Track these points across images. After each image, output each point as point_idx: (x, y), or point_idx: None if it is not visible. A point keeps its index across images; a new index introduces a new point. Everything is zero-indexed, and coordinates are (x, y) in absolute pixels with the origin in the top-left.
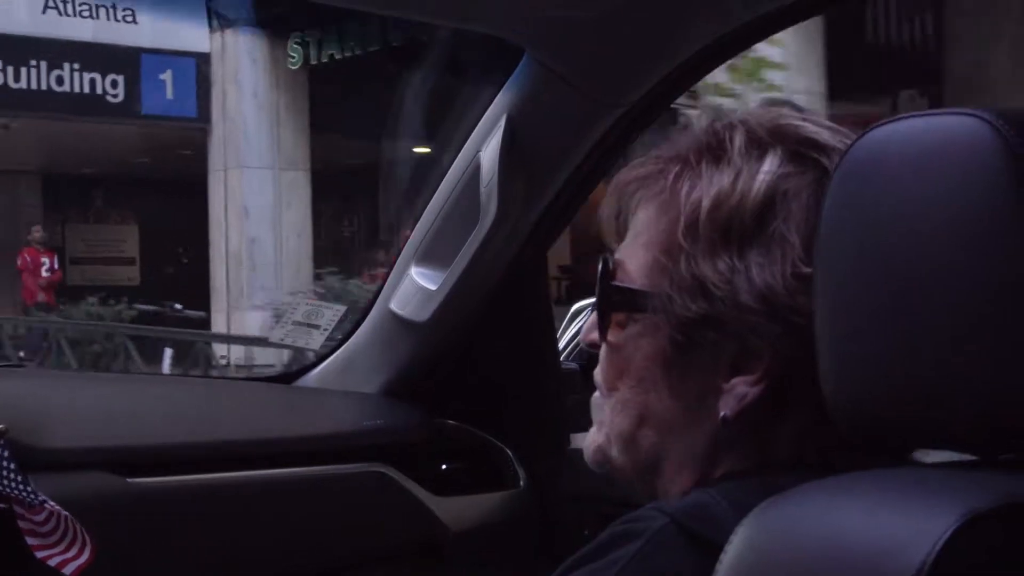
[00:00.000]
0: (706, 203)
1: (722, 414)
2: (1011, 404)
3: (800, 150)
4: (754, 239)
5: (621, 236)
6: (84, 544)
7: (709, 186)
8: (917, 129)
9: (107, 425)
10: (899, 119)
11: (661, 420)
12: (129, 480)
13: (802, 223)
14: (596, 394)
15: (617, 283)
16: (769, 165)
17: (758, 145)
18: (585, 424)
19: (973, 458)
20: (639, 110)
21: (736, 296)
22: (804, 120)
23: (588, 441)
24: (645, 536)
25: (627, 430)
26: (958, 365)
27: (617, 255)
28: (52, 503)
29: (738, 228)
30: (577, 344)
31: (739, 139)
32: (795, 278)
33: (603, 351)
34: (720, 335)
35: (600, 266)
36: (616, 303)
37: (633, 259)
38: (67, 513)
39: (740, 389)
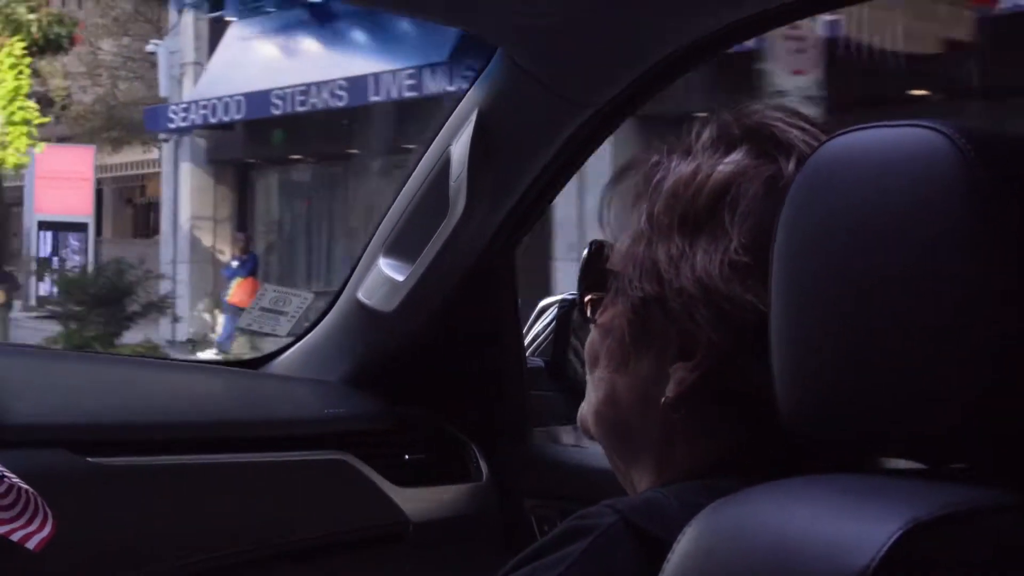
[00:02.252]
0: (666, 191)
1: (664, 398)
2: (958, 415)
3: (765, 148)
4: (704, 227)
5: (611, 225)
6: (46, 518)
7: (672, 176)
8: (877, 139)
9: (68, 403)
10: (861, 128)
11: (624, 400)
12: (89, 459)
13: (746, 214)
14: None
15: (593, 265)
16: (731, 159)
17: (727, 140)
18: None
19: (921, 466)
20: (610, 109)
21: (679, 280)
22: (781, 121)
23: (580, 412)
24: (595, 533)
25: (598, 407)
26: (906, 374)
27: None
28: (12, 476)
29: (692, 216)
30: (543, 340)
31: (707, 134)
32: (730, 267)
33: (592, 330)
34: (665, 317)
35: (587, 250)
36: (589, 283)
37: (618, 246)
38: (28, 487)
39: (680, 374)
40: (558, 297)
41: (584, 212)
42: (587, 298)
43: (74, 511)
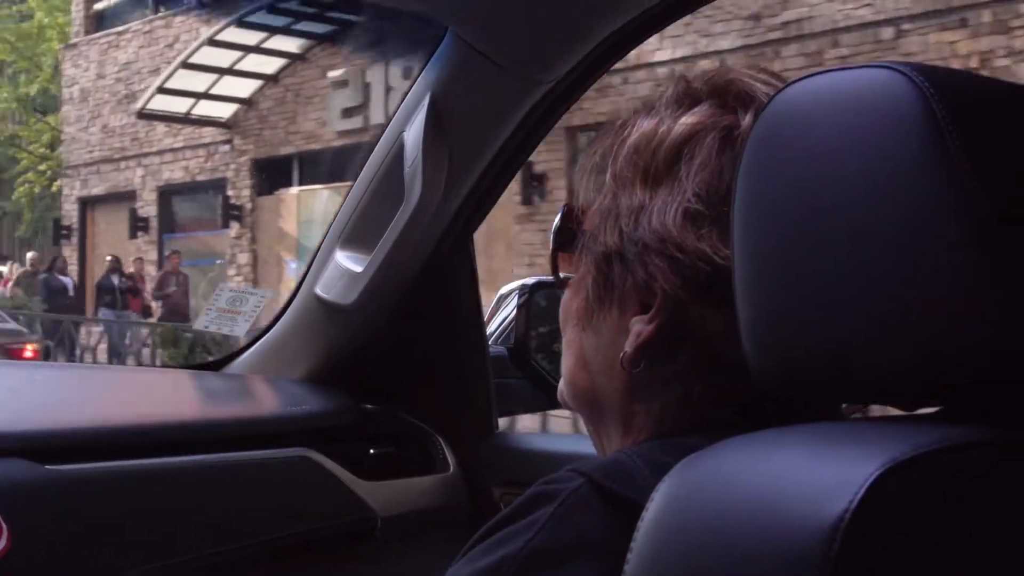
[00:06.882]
0: (629, 146)
1: (623, 353)
2: (930, 358)
3: (726, 100)
4: (663, 180)
5: (587, 188)
6: (1, 530)
7: (635, 132)
8: (835, 82)
9: (24, 411)
10: (818, 72)
11: (591, 360)
12: (48, 467)
13: (699, 164)
14: None
15: (564, 226)
16: (693, 112)
17: (691, 96)
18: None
19: (895, 412)
20: (564, 86)
21: (637, 231)
22: (746, 75)
23: (559, 385)
24: (561, 496)
25: (568, 370)
26: (876, 319)
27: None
28: None
29: (653, 170)
30: (505, 328)
31: (671, 91)
32: (684, 216)
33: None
34: (624, 270)
35: (561, 211)
36: (559, 244)
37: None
38: None
39: (637, 327)
40: (518, 283)
41: None
42: (558, 259)
43: (34, 521)
